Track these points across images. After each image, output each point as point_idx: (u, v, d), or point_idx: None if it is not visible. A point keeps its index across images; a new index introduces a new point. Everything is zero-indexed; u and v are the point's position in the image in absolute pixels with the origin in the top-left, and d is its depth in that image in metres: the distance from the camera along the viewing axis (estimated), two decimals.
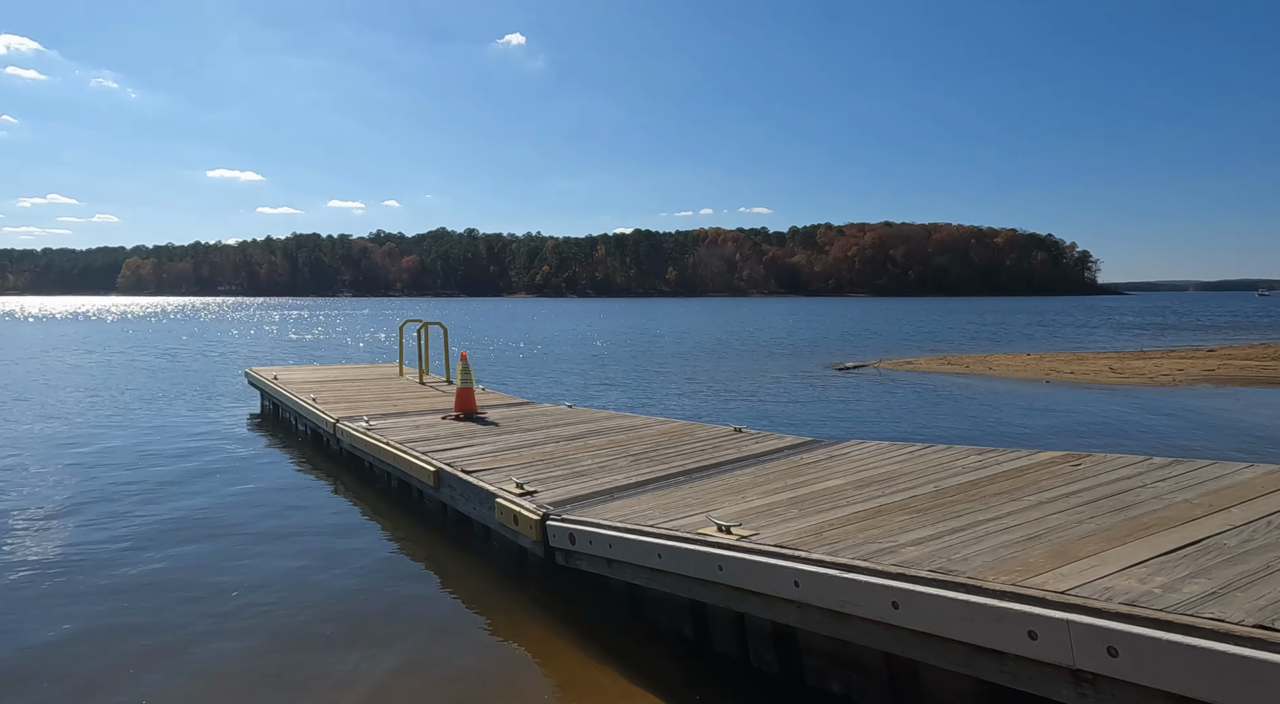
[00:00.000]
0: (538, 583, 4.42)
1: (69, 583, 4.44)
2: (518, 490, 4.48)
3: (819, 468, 4.59)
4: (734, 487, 4.31)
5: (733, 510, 3.68)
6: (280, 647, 3.68)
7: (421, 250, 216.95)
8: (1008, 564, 2.42)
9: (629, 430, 6.45)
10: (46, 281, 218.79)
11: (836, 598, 2.57)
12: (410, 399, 8.68)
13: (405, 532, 5.47)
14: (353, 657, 3.58)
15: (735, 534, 3.17)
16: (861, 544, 2.85)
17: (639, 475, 4.81)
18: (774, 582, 2.81)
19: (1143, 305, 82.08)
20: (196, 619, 3.96)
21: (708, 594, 3.22)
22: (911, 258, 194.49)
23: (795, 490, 4.02)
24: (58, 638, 3.75)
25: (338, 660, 3.54)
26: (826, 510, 3.49)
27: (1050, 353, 19.18)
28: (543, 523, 4.08)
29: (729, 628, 3.37)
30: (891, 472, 4.23)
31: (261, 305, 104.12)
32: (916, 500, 3.49)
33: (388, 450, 6.03)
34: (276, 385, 9.73)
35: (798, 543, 2.96)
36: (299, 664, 3.51)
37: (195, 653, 3.60)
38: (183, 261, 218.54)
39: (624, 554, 3.57)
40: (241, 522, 5.64)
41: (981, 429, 9.32)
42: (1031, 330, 33.41)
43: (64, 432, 9.34)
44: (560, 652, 3.70)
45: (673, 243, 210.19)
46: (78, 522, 5.62)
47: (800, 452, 5.25)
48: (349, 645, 3.68)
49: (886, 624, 2.45)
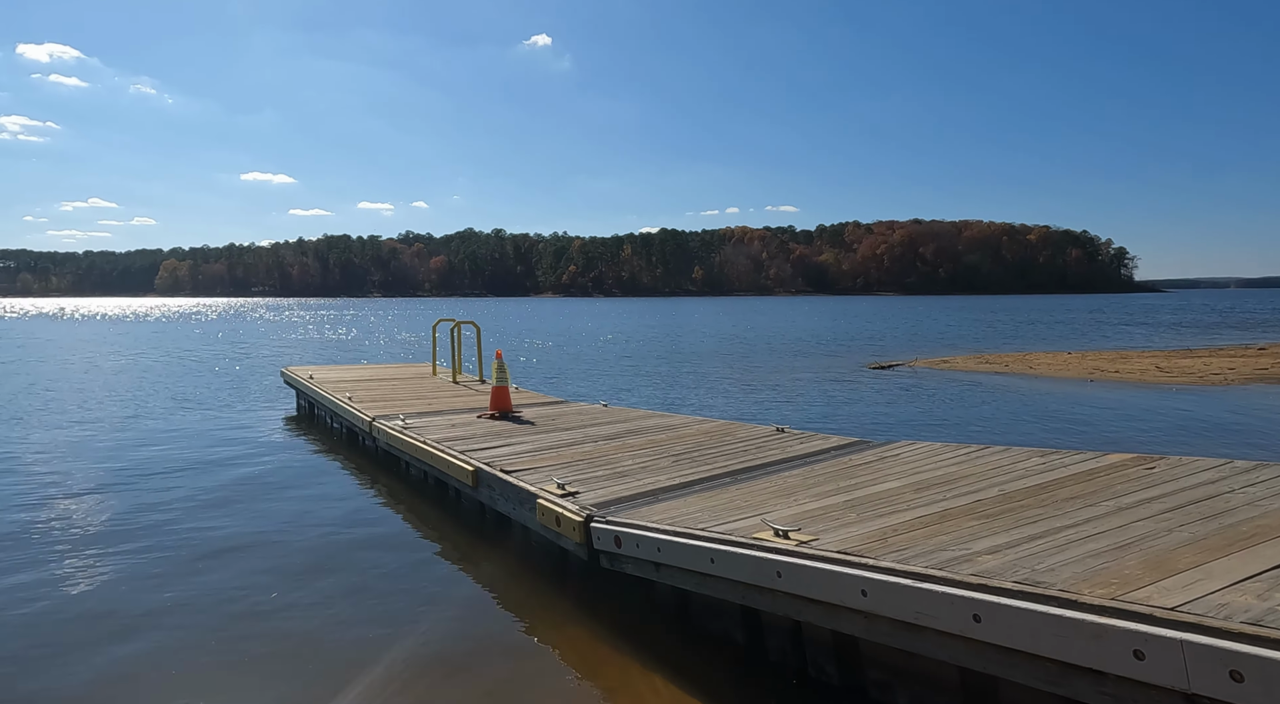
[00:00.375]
0: (579, 585, 4.31)
1: (111, 593, 4.43)
2: (559, 491, 4.37)
3: (871, 469, 4.42)
4: (783, 488, 4.16)
5: (786, 514, 3.53)
6: (316, 647, 3.61)
7: (449, 251, 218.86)
8: (1101, 576, 2.24)
9: (668, 430, 6.32)
10: (88, 283, 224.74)
11: (910, 609, 2.42)
12: (444, 398, 8.64)
13: (442, 531, 5.39)
14: (391, 660, 3.49)
15: (794, 539, 3.02)
16: (932, 552, 2.68)
17: (682, 476, 4.68)
18: (838, 590, 2.66)
19: (1182, 303, 79.89)
20: (230, 621, 3.90)
21: (763, 601, 3.08)
22: (942, 256, 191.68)
23: (850, 493, 3.86)
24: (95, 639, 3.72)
25: (375, 663, 3.46)
26: (887, 515, 3.32)
27: (1091, 351, 18.65)
28: (586, 525, 3.97)
29: (784, 636, 3.23)
30: (949, 474, 4.05)
31: (293, 306, 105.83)
32: (983, 505, 3.31)
33: (424, 449, 5.97)
34: (312, 384, 9.76)
35: (862, 549, 2.80)
36: (335, 666, 3.44)
37: (228, 653, 3.54)
38: (218, 263, 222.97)
39: (673, 558, 3.44)
40: (279, 520, 5.61)
41: (1031, 430, 9.02)
42: (1066, 329, 32.63)
43: (102, 432, 9.45)
44: (606, 657, 3.59)
45: (699, 242, 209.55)
46: (114, 526, 5.63)
47: (848, 452, 5.07)
48: (386, 648, 3.60)
49: (965, 638, 2.29)
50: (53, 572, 4.57)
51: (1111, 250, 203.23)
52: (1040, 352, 19.18)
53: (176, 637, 3.74)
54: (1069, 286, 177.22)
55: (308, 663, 3.50)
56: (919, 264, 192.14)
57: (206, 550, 4.93)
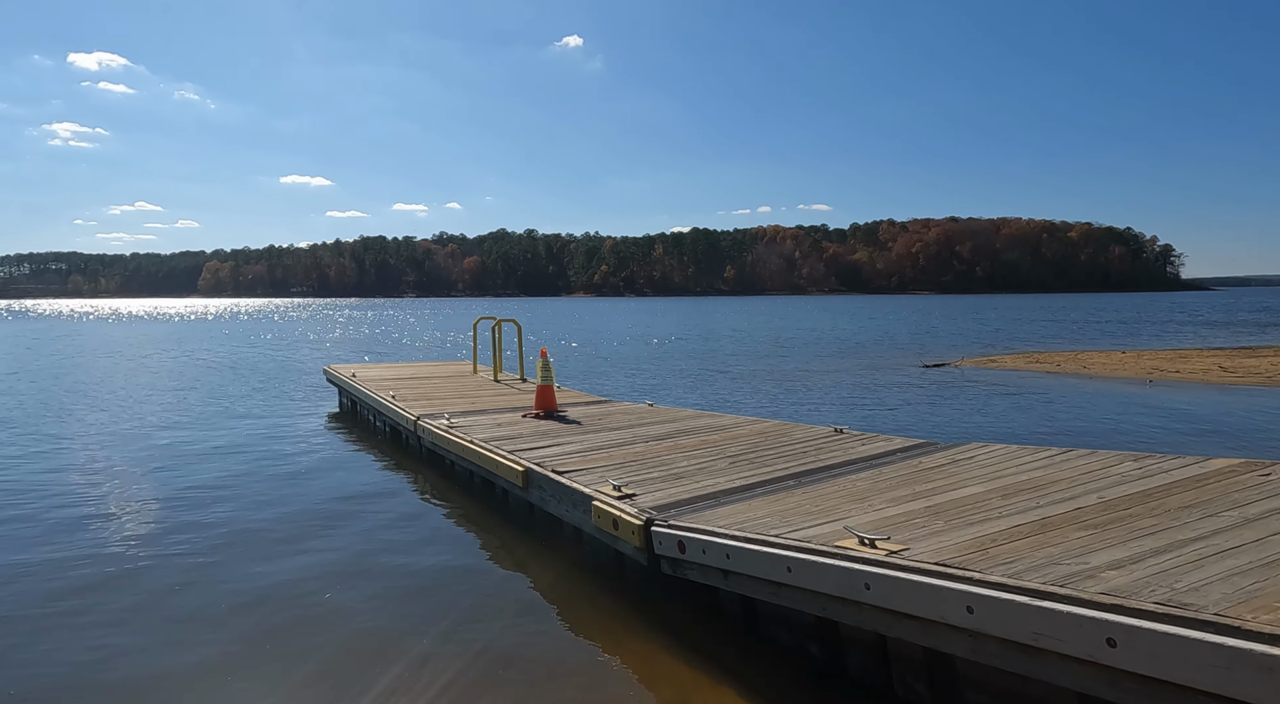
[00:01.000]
0: (636, 591, 4.13)
1: (159, 584, 4.37)
2: (615, 493, 4.20)
3: (945, 473, 4.17)
4: (853, 492, 3.93)
5: (865, 520, 3.31)
6: (366, 648, 3.49)
7: (483, 251, 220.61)
8: (1259, 599, 1.99)
9: (720, 430, 6.12)
10: (135, 284, 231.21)
11: (1027, 630, 2.18)
12: (487, 396, 8.54)
13: (491, 532, 5.26)
14: (442, 664, 3.36)
15: (882, 548, 2.79)
16: (1044, 565, 2.44)
17: (742, 479, 4.47)
18: (939, 606, 2.43)
19: (1231, 301, 77.08)
20: (279, 621, 3.80)
21: (847, 614, 2.86)
22: (979, 254, 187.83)
23: (929, 498, 3.61)
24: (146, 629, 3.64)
25: (426, 667, 3.33)
26: (978, 523, 3.08)
27: (1148, 351, 17.95)
28: (647, 529, 3.78)
29: (866, 651, 3.00)
30: (1035, 479, 3.78)
31: (331, 306, 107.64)
32: (1084, 513, 3.05)
33: (471, 449, 5.85)
34: (355, 383, 9.74)
35: (962, 561, 2.57)
36: (384, 668, 3.31)
37: (279, 655, 3.43)
38: (258, 264, 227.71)
39: (745, 566, 3.24)
40: (327, 520, 5.53)
41: (1101, 431, 8.59)
42: (1114, 328, 31.61)
43: (149, 429, 9.54)
44: (669, 667, 3.40)
45: (731, 241, 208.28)
46: (161, 524, 5.59)
47: (916, 455, 4.82)
48: (438, 651, 3.46)
49: (1095, 663, 2.05)
50: (103, 570, 4.53)
51: (1157, 247, 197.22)
52: (1093, 351, 18.52)
53: (228, 635, 3.66)
54: (1111, 285, 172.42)
55: (357, 663, 3.39)
56: (955, 262, 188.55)
57: (254, 551, 4.86)
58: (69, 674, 3.32)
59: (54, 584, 4.30)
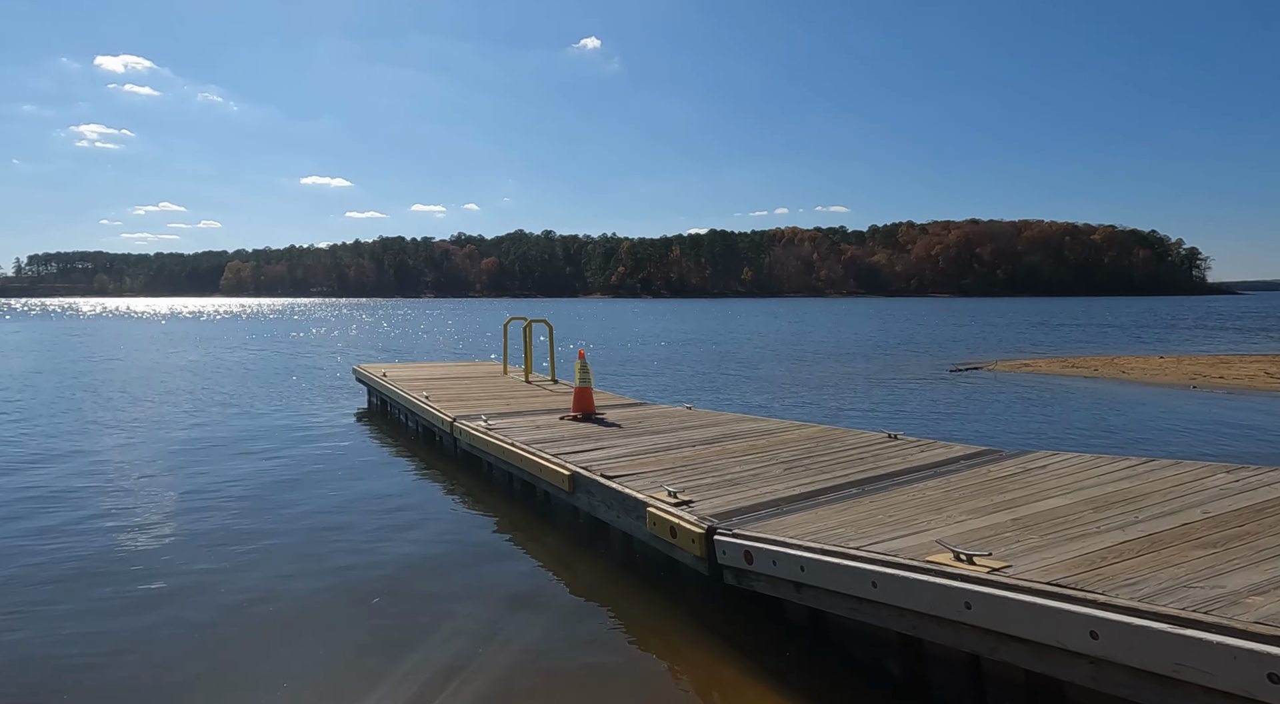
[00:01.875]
0: (692, 600, 3.97)
1: (187, 584, 4.26)
2: (672, 500, 4.04)
3: (1019, 483, 3.97)
4: (926, 502, 3.74)
5: (950, 532, 3.12)
6: (411, 654, 3.35)
7: (500, 252, 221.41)
8: None
9: (767, 434, 5.94)
10: (159, 284, 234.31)
11: (1165, 660, 2.00)
12: (521, 398, 8.41)
13: (534, 538, 5.11)
14: (490, 675, 3.22)
15: (981, 565, 2.61)
16: (1173, 587, 2.25)
17: (801, 486, 4.29)
18: (1056, 629, 2.24)
19: (1263, 306, 75.52)
20: (323, 625, 3.69)
21: (941, 633, 2.68)
22: (1000, 256, 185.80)
23: (1012, 510, 3.42)
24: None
25: (477, 676, 3.19)
26: (1076, 538, 2.89)
27: (1188, 355, 17.52)
28: (709, 538, 3.62)
29: (956, 671, 2.82)
30: (1123, 491, 3.57)
31: (351, 306, 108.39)
32: (1194, 530, 2.85)
33: (513, 452, 5.71)
34: (386, 382, 9.65)
35: (1074, 581, 2.38)
36: (430, 676, 3.18)
37: (320, 657, 3.30)
38: (279, 264, 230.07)
39: (821, 579, 3.07)
40: (365, 522, 5.42)
41: (1161, 438, 8.28)
42: (1142, 332, 31.00)
43: (177, 431, 9.50)
44: (735, 682, 3.24)
45: (748, 243, 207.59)
46: (191, 524, 5.50)
47: (982, 462, 4.62)
48: (487, 661, 3.31)
49: (1253, 699, 1.86)
50: (147, 574, 4.44)
51: (1182, 250, 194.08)
52: (1129, 355, 18.11)
53: (275, 638, 3.57)
54: (1136, 288, 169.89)
55: (402, 667, 3.26)
56: (976, 265, 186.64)
57: (292, 553, 4.75)
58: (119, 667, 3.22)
59: (102, 579, 4.21)
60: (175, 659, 3.41)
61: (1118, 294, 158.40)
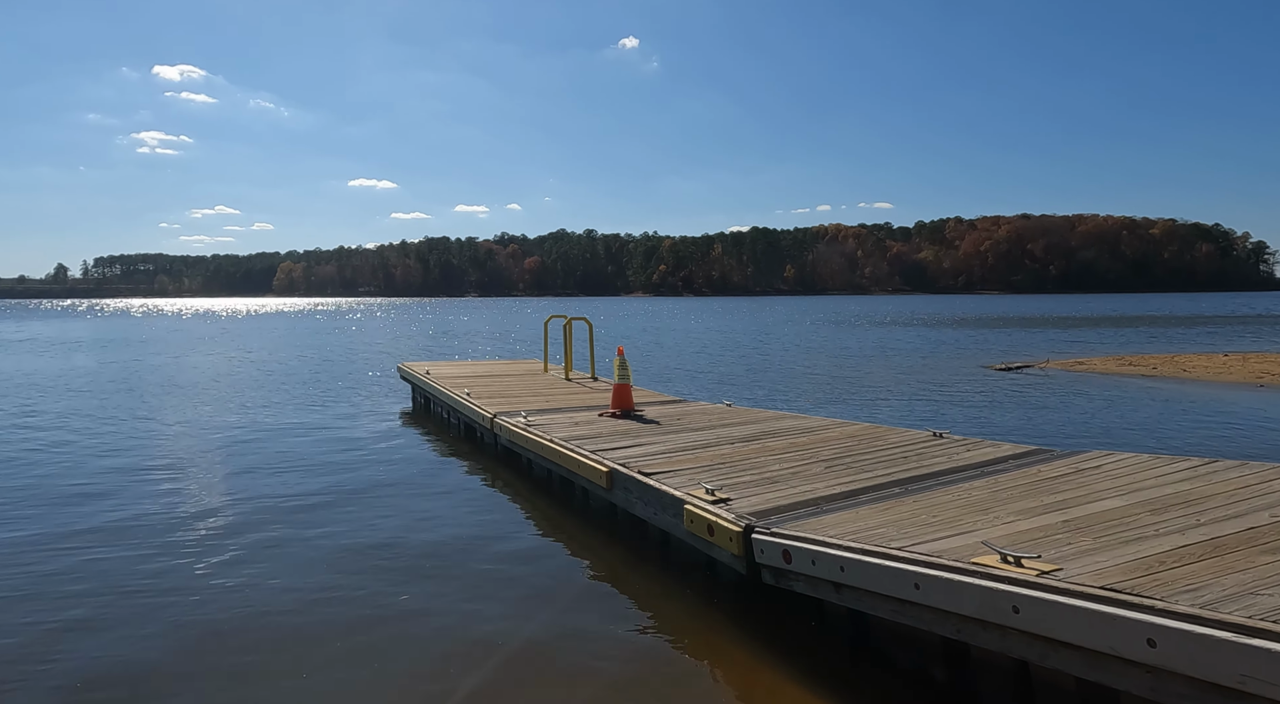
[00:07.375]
0: (731, 600, 3.92)
1: (238, 590, 4.37)
2: (709, 497, 3.99)
3: (1072, 483, 3.82)
4: (972, 502, 3.63)
5: (997, 533, 3.02)
6: (449, 650, 3.38)
7: (543, 251, 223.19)
8: None
9: (808, 432, 5.84)
10: (215, 284, 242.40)
11: (1231, 671, 1.89)
12: (560, 395, 8.44)
13: (571, 534, 5.12)
14: (529, 669, 3.21)
15: (1031, 567, 2.51)
16: (1238, 595, 2.13)
17: (841, 484, 4.21)
18: (1111, 636, 2.14)
19: None
20: (359, 618, 3.74)
21: (987, 638, 2.59)
22: (1053, 252, 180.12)
23: (1063, 511, 3.29)
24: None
25: (514, 674, 3.19)
26: (1132, 542, 2.76)
27: (1254, 353, 16.72)
28: (746, 536, 3.57)
29: (1004, 677, 2.72)
30: (1183, 492, 3.41)
31: (398, 305, 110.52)
32: (1261, 534, 2.69)
33: (551, 448, 5.72)
34: (429, 380, 9.79)
35: (1129, 585, 2.27)
36: (468, 673, 3.20)
37: (360, 653, 3.34)
38: (328, 265, 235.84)
39: (863, 580, 2.99)
40: (407, 517, 5.49)
41: (1229, 439, 7.88)
42: (1205, 330, 29.71)
43: (227, 427, 9.78)
44: (776, 686, 3.18)
45: (790, 240, 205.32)
46: (240, 520, 5.64)
47: (1031, 462, 4.46)
48: (525, 656, 3.31)
49: None
50: (181, 575, 4.57)
51: (1248, 245, 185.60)
52: (1190, 353, 17.38)
53: (306, 631, 3.62)
54: (1198, 284, 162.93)
55: (436, 664, 3.30)
56: (1027, 261, 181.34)
57: (333, 547, 4.83)
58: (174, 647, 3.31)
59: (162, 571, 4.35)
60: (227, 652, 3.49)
61: (1178, 290, 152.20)
